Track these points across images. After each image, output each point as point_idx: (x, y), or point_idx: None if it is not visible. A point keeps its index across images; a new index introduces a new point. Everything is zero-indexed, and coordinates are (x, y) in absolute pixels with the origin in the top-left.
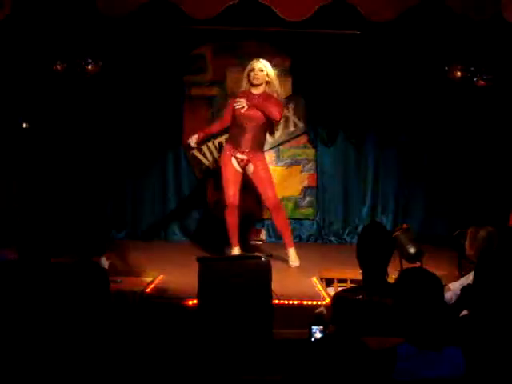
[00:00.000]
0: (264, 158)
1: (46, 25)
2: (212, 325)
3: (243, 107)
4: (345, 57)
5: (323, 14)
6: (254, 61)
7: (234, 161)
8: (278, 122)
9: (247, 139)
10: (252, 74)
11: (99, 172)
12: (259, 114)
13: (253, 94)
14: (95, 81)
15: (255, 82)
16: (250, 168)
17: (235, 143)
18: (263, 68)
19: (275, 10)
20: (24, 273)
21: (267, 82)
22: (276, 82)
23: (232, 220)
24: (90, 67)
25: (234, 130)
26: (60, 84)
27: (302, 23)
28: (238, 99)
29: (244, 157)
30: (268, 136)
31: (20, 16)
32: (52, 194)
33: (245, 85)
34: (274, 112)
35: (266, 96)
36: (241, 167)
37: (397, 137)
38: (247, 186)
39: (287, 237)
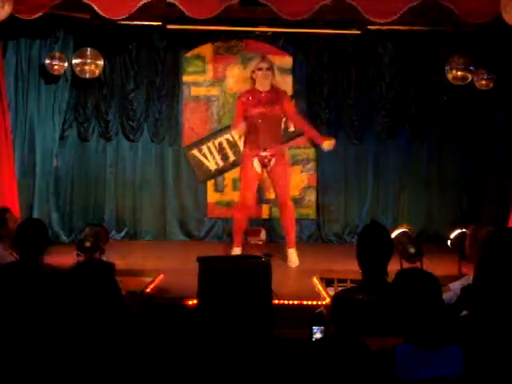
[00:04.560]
0: (285, 154)
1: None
2: (212, 325)
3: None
4: (345, 57)
5: (323, 13)
6: (259, 60)
7: (255, 163)
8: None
9: (267, 136)
10: (260, 73)
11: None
12: (275, 111)
13: (260, 91)
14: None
15: (266, 82)
16: (271, 164)
17: (255, 143)
18: (269, 66)
19: (275, 10)
20: (26, 275)
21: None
22: (276, 72)
23: (241, 220)
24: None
25: (252, 131)
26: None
27: (302, 23)
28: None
29: (267, 153)
30: None
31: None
32: None
33: (250, 84)
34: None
35: (276, 92)
36: (262, 166)
37: (397, 137)
38: None
39: (291, 237)
